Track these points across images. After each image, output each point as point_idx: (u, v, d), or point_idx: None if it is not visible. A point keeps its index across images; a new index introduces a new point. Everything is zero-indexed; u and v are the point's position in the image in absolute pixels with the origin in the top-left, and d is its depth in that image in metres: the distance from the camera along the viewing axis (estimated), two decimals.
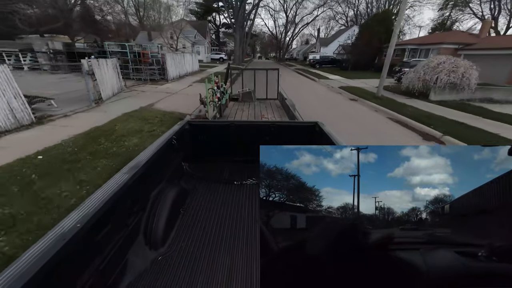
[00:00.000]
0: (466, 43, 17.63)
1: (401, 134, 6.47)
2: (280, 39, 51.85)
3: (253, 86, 6.86)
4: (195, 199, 2.35)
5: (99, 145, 4.77)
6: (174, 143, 2.32)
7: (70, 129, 5.54)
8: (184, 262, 1.64)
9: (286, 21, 46.69)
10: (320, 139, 2.49)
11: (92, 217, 1.12)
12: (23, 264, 0.85)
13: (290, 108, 4.85)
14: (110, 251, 1.34)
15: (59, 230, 1.01)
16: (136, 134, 5.41)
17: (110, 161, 4.16)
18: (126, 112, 7.05)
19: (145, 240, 1.70)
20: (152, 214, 1.80)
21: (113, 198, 1.28)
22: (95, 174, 3.75)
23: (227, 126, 2.82)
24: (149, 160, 1.74)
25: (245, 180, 2.64)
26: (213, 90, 5.04)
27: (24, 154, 4.22)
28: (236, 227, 2.00)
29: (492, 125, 6.80)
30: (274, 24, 49.65)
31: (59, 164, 3.99)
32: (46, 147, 4.56)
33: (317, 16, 46.31)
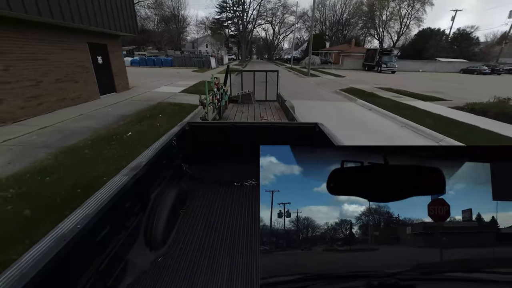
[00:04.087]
0: (344, 50, 39.62)
1: (297, 76, 28.08)
2: (270, 44, 73.67)
3: (252, 88, 6.84)
4: (195, 200, 2.36)
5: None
6: (174, 144, 2.32)
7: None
8: (184, 263, 1.65)
9: (273, 32, 68.73)
10: (320, 140, 2.49)
11: (93, 218, 1.12)
12: (23, 265, 0.84)
13: (290, 110, 4.84)
14: (110, 252, 1.33)
15: (59, 231, 1.01)
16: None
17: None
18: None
19: (145, 241, 1.69)
20: (152, 215, 1.80)
21: (114, 199, 1.29)
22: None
23: (227, 127, 2.83)
24: (149, 161, 1.74)
25: (245, 181, 2.65)
26: (213, 92, 5.04)
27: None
28: (236, 228, 2.00)
29: (320, 72, 28.47)
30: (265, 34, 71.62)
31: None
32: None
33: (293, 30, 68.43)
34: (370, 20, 52.82)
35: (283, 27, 68.31)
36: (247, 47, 58.15)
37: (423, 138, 6.43)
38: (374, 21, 52.34)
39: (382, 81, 19.48)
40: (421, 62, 37.43)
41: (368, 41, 55.46)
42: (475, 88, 16.80)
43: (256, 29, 62.46)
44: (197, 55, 35.72)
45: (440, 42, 43.11)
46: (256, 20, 58.31)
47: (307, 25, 67.38)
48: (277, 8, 58.76)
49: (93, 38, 9.03)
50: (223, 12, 59.38)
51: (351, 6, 55.30)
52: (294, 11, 56.98)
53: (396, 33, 52.01)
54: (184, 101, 9.44)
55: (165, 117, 7.11)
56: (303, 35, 74.96)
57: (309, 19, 65.39)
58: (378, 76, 26.14)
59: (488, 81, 23.51)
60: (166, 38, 48.24)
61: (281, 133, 2.77)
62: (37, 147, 4.88)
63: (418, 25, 49.43)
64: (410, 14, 49.54)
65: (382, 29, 52.26)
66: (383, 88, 15.15)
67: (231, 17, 59.27)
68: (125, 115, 7.38)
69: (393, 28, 52.22)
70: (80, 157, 4.43)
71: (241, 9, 56.31)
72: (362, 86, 15.67)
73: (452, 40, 46.24)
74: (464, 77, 27.62)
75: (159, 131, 5.71)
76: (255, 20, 57.86)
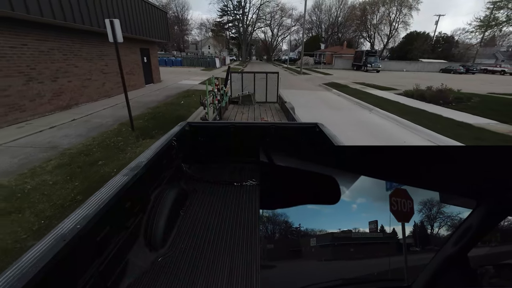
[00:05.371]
0: (336, 51, 43.58)
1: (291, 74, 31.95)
2: (269, 45, 77.64)
3: (252, 89, 6.93)
4: (195, 200, 2.36)
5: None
6: (174, 144, 2.33)
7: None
8: (184, 263, 1.65)
9: (272, 34, 72.72)
10: (320, 140, 2.50)
11: (92, 219, 1.12)
12: (23, 265, 0.85)
13: (290, 111, 4.86)
14: (110, 252, 1.33)
15: (59, 231, 1.01)
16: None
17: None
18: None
19: (145, 241, 1.70)
20: (152, 215, 1.80)
21: (113, 199, 1.29)
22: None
23: (227, 127, 2.83)
24: (149, 162, 1.75)
25: (245, 181, 2.64)
26: (213, 93, 5.11)
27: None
28: (236, 228, 2.00)
29: (312, 71, 32.31)
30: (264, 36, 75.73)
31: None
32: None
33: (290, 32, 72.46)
34: (362, 24, 56.89)
35: (281, 29, 72.51)
36: (247, 49, 62.16)
37: (359, 107, 10.31)
38: (366, 25, 56.41)
39: (361, 78, 23.29)
40: (405, 63, 41.37)
41: (361, 43, 59.48)
42: (436, 84, 20.63)
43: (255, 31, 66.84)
44: (203, 56, 39.58)
45: (423, 44, 47.05)
46: (256, 23, 62.48)
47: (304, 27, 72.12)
48: (275, 11, 62.95)
49: (142, 44, 12.88)
50: (224, 15, 63.46)
51: (345, 10, 59.56)
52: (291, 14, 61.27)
53: (386, 36, 56.12)
54: (204, 89, 13.41)
55: (196, 96, 10.95)
56: (300, 37, 79.53)
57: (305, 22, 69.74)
58: (362, 74, 29.95)
59: (456, 78, 27.18)
60: (171, 40, 52.19)
61: (281, 133, 2.79)
62: (139, 106, 8.73)
63: (406, 29, 53.56)
64: (398, 19, 53.67)
65: (373, 32, 56.38)
66: (357, 82, 19.02)
67: (232, 20, 63.44)
68: (170, 95, 11.24)
69: (383, 31, 56.35)
70: (164, 108, 8.28)
71: (241, 13, 60.43)
72: (342, 81, 19.49)
73: (435, 42, 50.29)
74: (439, 76, 31.24)
75: (195, 101, 9.59)
76: (254, 23, 62.02)
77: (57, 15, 6.77)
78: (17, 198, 3.29)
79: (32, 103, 6.88)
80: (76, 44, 8.45)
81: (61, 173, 3.98)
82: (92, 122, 6.97)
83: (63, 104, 7.99)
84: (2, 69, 6.02)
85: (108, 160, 4.51)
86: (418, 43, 46.87)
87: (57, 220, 2.91)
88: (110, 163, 4.42)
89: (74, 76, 8.40)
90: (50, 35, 7.35)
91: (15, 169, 4.10)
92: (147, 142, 5.48)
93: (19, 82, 6.46)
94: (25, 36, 6.59)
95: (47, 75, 7.31)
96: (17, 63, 6.40)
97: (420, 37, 48.41)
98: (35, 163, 4.32)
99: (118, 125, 6.66)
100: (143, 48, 13.06)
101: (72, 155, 4.64)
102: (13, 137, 5.44)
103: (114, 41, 5.28)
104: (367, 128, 7.44)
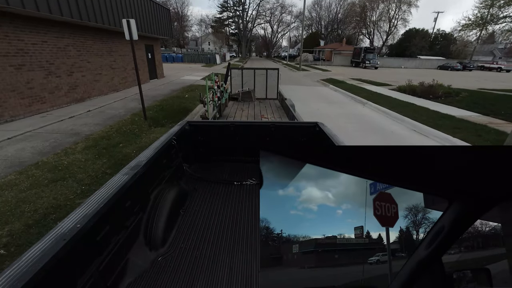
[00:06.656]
0: (335, 48, 43.98)
1: (290, 70, 32.45)
2: (269, 42, 77.82)
3: (252, 85, 6.89)
4: (195, 200, 2.36)
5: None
6: (174, 143, 2.34)
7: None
8: (185, 263, 1.65)
9: (272, 30, 72.90)
10: (320, 139, 2.51)
11: (92, 218, 1.13)
12: (23, 264, 0.85)
13: (290, 108, 4.87)
14: (110, 251, 1.34)
15: (59, 231, 1.01)
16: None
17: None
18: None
19: (145, 240, 1.71)
20: (152, 215, 1.81)
21: (113, 198, 1.30)
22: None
23: (227, 127, 2.83)
24: (149, 161, 1.76)
25: (245, 181, 2.64)
26: (213, 90, 5.13)
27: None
28: (237, 227, 2.00)
29: (311, 68, 32.80)
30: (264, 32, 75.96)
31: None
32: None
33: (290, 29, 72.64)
34: (362, 20, 57.15)
35: (281, 25, 72.68)
36: (247, 45, 62.44)
37: (353, 101, 10.97)
38: (365, 21, 56.68)
39: (359, 75, 23.88)
40: (403, 60, 41.88)
41: (360, 40, 59.76)
42: (430, 80, 21.27)
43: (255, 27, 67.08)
44: (203, 53, 40.00)
45: (421, 41, 47.48)
46: (256, 19, 62.70)
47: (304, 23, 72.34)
48: (275, 8, 63.12)
49: (147, 41, 13.46)
50: (224, 11, 63.61)
51: (345, 7, 59.78)
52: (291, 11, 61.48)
53: (385, 33, 56.44)
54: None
55: (199, 91, 11.58)
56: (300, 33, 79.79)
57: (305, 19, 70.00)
58: (360, 71, 30.48)
59: (452, 75, 27.72)
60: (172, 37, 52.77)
61: (281, 133, 2.79)
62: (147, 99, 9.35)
63: (405, 26, 53.85)
64: (398, 15, 53.93)
65: (373, 29, 56.65)
66: (354, 78, 19.64)
67: (232, 16, 63.66)
68: (175, 89, 11.87)
69: (382, 28, 56.63)
70: (170, 101, 8.93)
71: (241, 9, 60.65)
72: (339, 77, 20.08)
73: (433, 39, 50.70)
74: (435, 72, 31.67)
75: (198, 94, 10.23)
76: (254, 19, 62.24)
77: (74, 14, 7.38)
78: (59, 170, 3.96)
79: (52, 95, 7.52)
80: (88, 40, 9.07)
81: (90, 152, 4.65)
82: (106, 112, 7.62)
83: (78, 96, 8.63)
84: (26, 64, 6.65)
85: (127, 143, 5.18)
86: (416, 40, 47.30)
87: (94, 186, 3.58)
88: (129, 145, 5.09)
89: (87, 71, 9.03)
90: (65, 33, 7.96)
91: (49, 150, 4.77)
92: (158, 129, 6.13)
93: (40, 76, 7.10)
94: (45, 34, 7.20)
95: (63, 70, 7.94)
96: (39, 58, 7.03)
97: (419, 34, 48.81)
98: (65, 145, 4.99)
99: (131, 115, 7.32)
100: (147, 45, 13.64)
101: (96, 139, 5.31)
102: (39, 125, 6.10)
103: (130, 39, 5.90)
104: (357, 118, 8.10)
